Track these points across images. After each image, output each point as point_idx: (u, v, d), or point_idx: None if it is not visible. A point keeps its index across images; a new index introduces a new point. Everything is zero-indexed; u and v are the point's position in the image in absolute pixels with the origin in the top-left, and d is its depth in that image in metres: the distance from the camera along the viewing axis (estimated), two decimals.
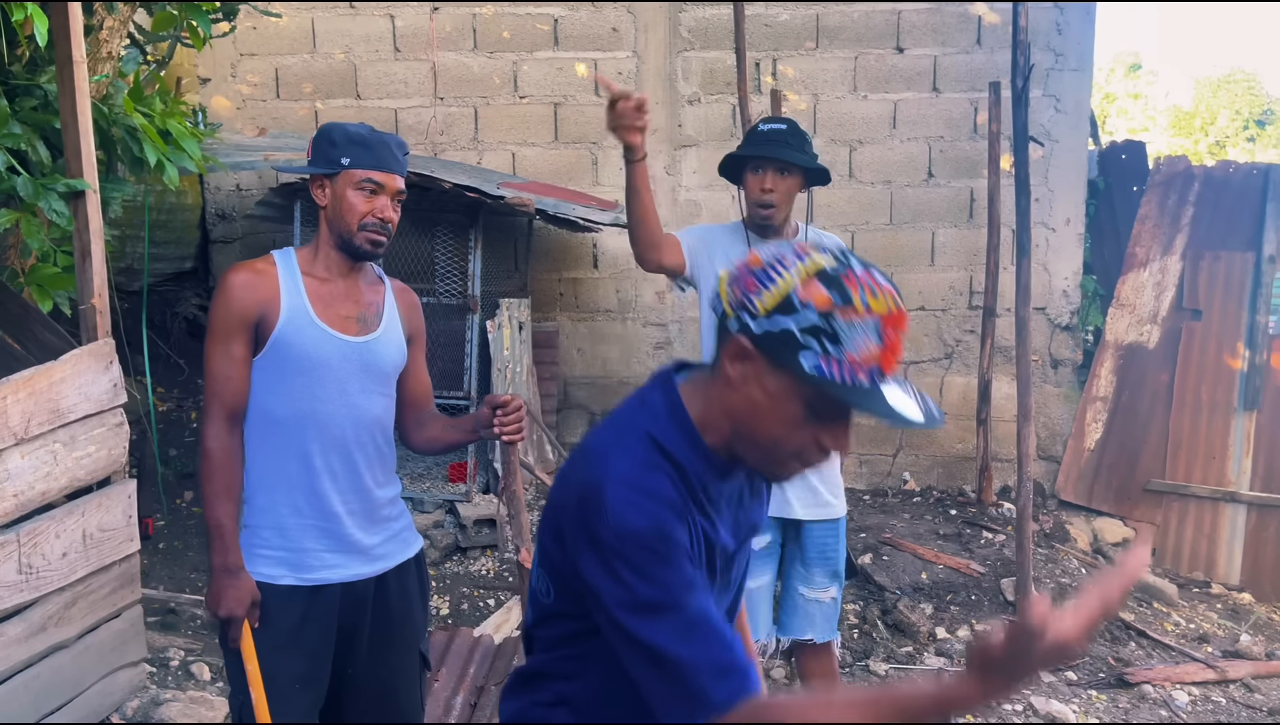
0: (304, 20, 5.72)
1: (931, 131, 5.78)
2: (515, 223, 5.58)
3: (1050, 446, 5.87)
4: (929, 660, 3.98)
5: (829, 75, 5.76)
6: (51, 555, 2.77)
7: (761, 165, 2.71)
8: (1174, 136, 15.19)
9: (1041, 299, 5.75)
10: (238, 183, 5.82)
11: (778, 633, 2.97)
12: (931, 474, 5.93)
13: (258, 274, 2.10)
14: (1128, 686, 3.86)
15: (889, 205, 5.83)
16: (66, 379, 2.81)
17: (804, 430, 1.21)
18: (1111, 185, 6.12)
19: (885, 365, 1.16)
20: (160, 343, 5.61)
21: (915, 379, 5.89)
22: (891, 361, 1.16)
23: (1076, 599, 1.03)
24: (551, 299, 5.89)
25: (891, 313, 1.15)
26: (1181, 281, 5.77)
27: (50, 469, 2.77)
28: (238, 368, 2.08)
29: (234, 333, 2.08)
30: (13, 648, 2.69)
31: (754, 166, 2.72)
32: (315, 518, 2.12)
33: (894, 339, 1.16)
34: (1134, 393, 5.74)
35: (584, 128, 5.81)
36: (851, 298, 1.14)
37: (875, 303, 1.14)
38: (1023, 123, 4.38)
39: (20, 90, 3.11)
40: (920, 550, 4.77)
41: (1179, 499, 5.56)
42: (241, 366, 2.09)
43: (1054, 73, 5.71)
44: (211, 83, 5.77)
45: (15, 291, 3.26)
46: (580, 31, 5.76)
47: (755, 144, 2.72)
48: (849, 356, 1.14)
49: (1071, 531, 5.36)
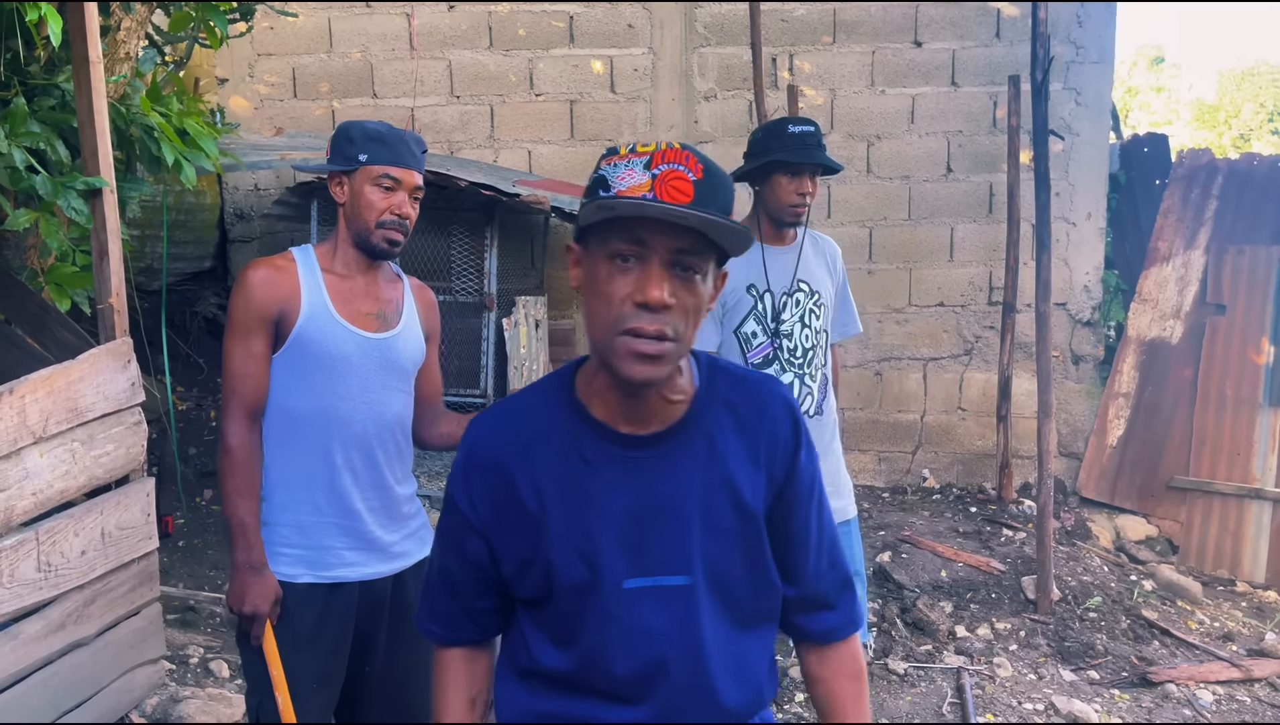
0: (320, 20, 5.74)
1: (950, 126, 5.73)
2: (531, 221, 5.57)
3: (1071, 443, 5.81)
4: (948, 659, 3.95)
5: (846, 70, 5.72)
6: (70, 553, 2.78)
7: (800, 169, 2.73)
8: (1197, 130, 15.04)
9: (1062, 294, 5.70)
10: (255, 182, 5.84)
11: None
12: (951, 471, 5.88)
13: (278, 270, 2.10)
14: (1151, 686, 3.81)
15: (907, 201, 5.78)
16: (85, 378, 2.82)
17: (609, 286, 1.20)
18: (1133, 179, 6.06)
19: (661, 192, 1.16)
20: (179, 342, 5.65)
21: (935, 375, 5.85)
22: (667, 188, 1.16)
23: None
24: (567, 297, 5.89)
25: (660, 151, 1.18)
26: (1205, 276, 5.70)
27: (69, 467, 2.78)
28: (257, 364, 2.08)
29: (253, 329, 2.07)
30: (32, 645, 2.70)
31: (793, 170, 2.73)
32: (335, 515, 2.11)
33: (667, 171, 1.17)
34: (1157, 389, 5.68)
35: (599, 125, 5.80)
36: (618, 149, 1.21)
37: (642, 147, 1.19)
38: (1043, 116, 4.33)
39: (39, 90, 3.13)
40: (940, 548, 4.74)
41: (1203, 496, 5.49)
42: (261, 363, 2.08)
43: (1074, 66, 5.65)
44: (229, 83, 5.79)
45: (34, 291, 3.28)
46: (596, 28, 5.75)
47: (794, 148, 2.72)
48: (617, 192, 1.17)
49: (1094, 529, 5.31)
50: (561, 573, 1.27)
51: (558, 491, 1.28)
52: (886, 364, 5.87)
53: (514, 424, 1.33)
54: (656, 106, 5.78)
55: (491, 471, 1.30)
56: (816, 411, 2.89)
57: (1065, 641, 4.07)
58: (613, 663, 1.28)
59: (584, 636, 1.29)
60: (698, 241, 1.19)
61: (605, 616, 1.27)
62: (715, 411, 1.32)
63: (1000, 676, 3.84)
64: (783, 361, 2.83)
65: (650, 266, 1.18)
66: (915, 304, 5.83)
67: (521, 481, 1.29)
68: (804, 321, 2.85)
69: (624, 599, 1.27)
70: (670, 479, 1.29)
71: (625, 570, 1.27)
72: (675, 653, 1.28)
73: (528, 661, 1.34)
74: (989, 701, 3.68)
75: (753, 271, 2.80)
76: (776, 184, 2.75)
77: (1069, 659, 3.99)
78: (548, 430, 1.31)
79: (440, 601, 1.40)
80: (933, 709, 3.62)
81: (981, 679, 3.82)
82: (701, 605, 1.28)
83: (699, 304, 1.22)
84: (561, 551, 1.27)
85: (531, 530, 1.29)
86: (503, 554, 1.32)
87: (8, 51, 2.95)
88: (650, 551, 1.28)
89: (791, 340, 2.83)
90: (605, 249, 1.20)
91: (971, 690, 3.70)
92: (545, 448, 1.30)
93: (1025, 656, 4.01)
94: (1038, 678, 3.86)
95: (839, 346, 3.22)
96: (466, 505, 1.32)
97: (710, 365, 1.36)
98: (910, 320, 5.84)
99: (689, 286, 1.20)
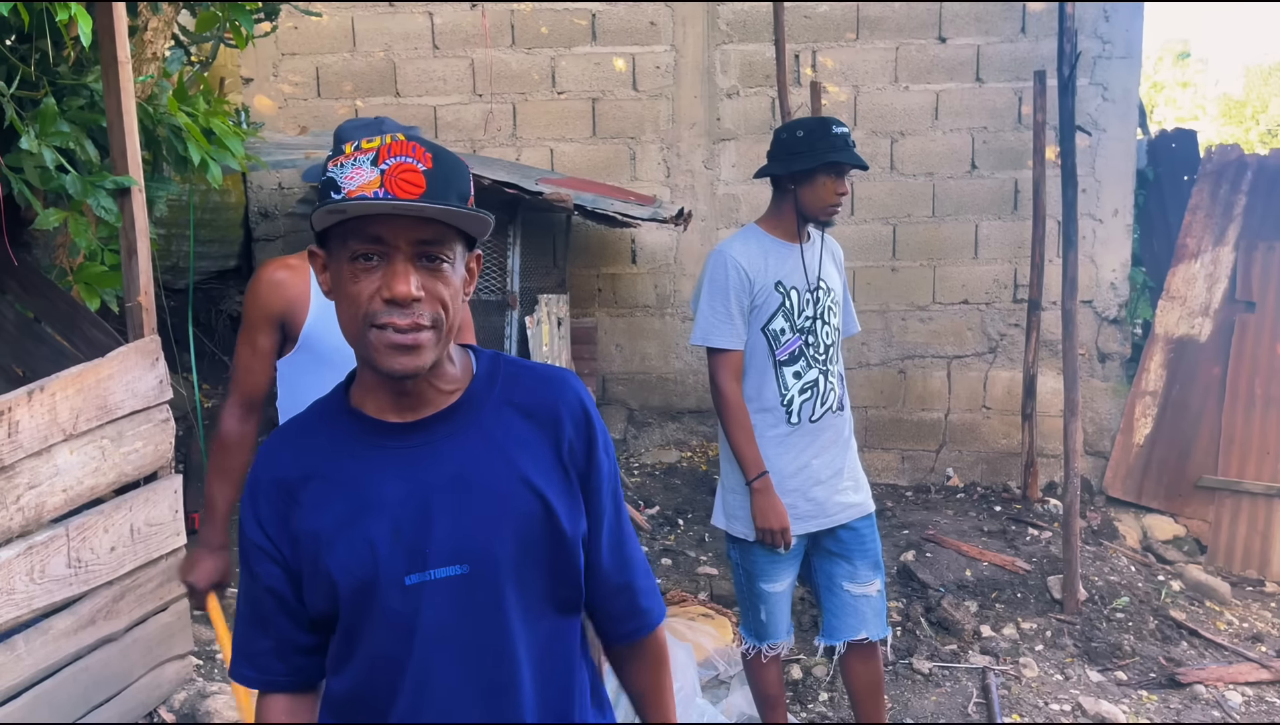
0: (344, 19, 5.76)
1: (975, 122, 5.69)
2: (554, 219, 5.57)
3: (1098, 442, 5.76)
4: (973, 658, 3.92)
5: (870, 66, 5.69)
6: (100, 549, 2.81)
7: (842, 169, 2.75)
8: (1225, 125, 14.85)
9: (1088, 292, 5.64)
10: (280, 181, 5.88)
11: (827, 639, 2.96)
12: (975, 470, 5.84)
13: (291, 271, 2.16)
14: (1179, 687, 3.77)
15: (931, 197, 5.75)
16: (114, 376, 2.85)
17: (355, 287, 1.18)
18: (1161, 175, 5.99)
19: (391, 186, 1.14)
20: (205, 340, 5.69)
21: (959, 373, 5.81)
22: (398, 182, 1.14)
23: None
24: (590, 295, 5.89)
25: (386, 145, 1.16)
26: (1234, 273, 5.63)
27: (99, 464, 2.81)
28: (260, 360, 2.18)
29: (260, 326, 2.17)
30: (62, 640, 2.73)
31: (837, 171, 2.74)
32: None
33: (396, 164, 1.15)
34: (1185, 387, 5.62)
35: (622, 122, 5.79)
36: (343, 149, 1.19)
37: (368, 144, 1.17)
38: (1069, 112, 4.29)
39: (68, 90, 3.16)
40: (964, 547, 4.70)
41: (1232, 495, 5.43)
42: (264, 358, 2.18)
43: (1101, 61, 5.59)
44: (254, 82, 5.83)
45: (64, 290, 3.32)
46: (618, 26, 5.74)
47: (841, 149, 2.73)
48: (347, 192, 1.16)
49: (1121, 528, 5.26)
50: (340, 574, 1.23)
51: (333, 493, 1.25)
52: (910, 362, 5.83)
53: (294, 441, 1.32)
54: (678, 104, 5.77)
55: (275, 490, 1.28)
56: (839, 407, 2.89)
57: (1092, 642, 4.04)
58: (398, 663, 1.24)
59: (366, 642, 1.25)
60: (439, 230, 1.18)
61: (388, 615, 1.23)
62: (493, 400, 1.29)
63: (1026, 677, 3.81)
64: (809, 357, 2.83)
65: (394, 262, 1.17)
66: (939, 302, 5.80)
67: (303, 494, 1.26)
68: (824, 318, 2.86)
69: (407, 596, 1.23)
70: (446, 464, 1.25)
71: (404, 566, 1.23)
72: (466, 646, 1.24)
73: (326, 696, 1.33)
74: (1015, 702, 3.65)
75: (782, 268, 2.80)
76: (821, 184, 2.75)
77: (1096, 659, 3.96)
78: (324, 440, 1.29)
79: (250, 641, 1.32)
80: (958, 709, 3.60)
81: (1007, 679, 3.80)
82: (483, 593, 1.24)
83: (453, 291, 1.21)
84: (338, 552, 1.23)
85: (314, 540, 1.25)
86: (297, 573, 1.27)
87: (37, 52, 2.98)
88: (430, 542, 1.23)
89: (815, 336, 2.83)
90: (346, 251, 1.19)
91: (997, 690, 3.67)
92: (320, 456, 1.28)
93: (1051, 657, 3.98)
94: (1064, 678, 3.83)
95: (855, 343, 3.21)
96: (255, 531, 1.28)
97: (493, 358, 1.34)
98: (934, 318, 5.80)
99: (438, 275, 1.19)
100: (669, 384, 5.96)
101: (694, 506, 5.28)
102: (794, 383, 2.81)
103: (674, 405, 5.96)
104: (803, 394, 2.81)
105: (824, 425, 2.84)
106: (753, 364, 2.81)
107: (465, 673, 1.24)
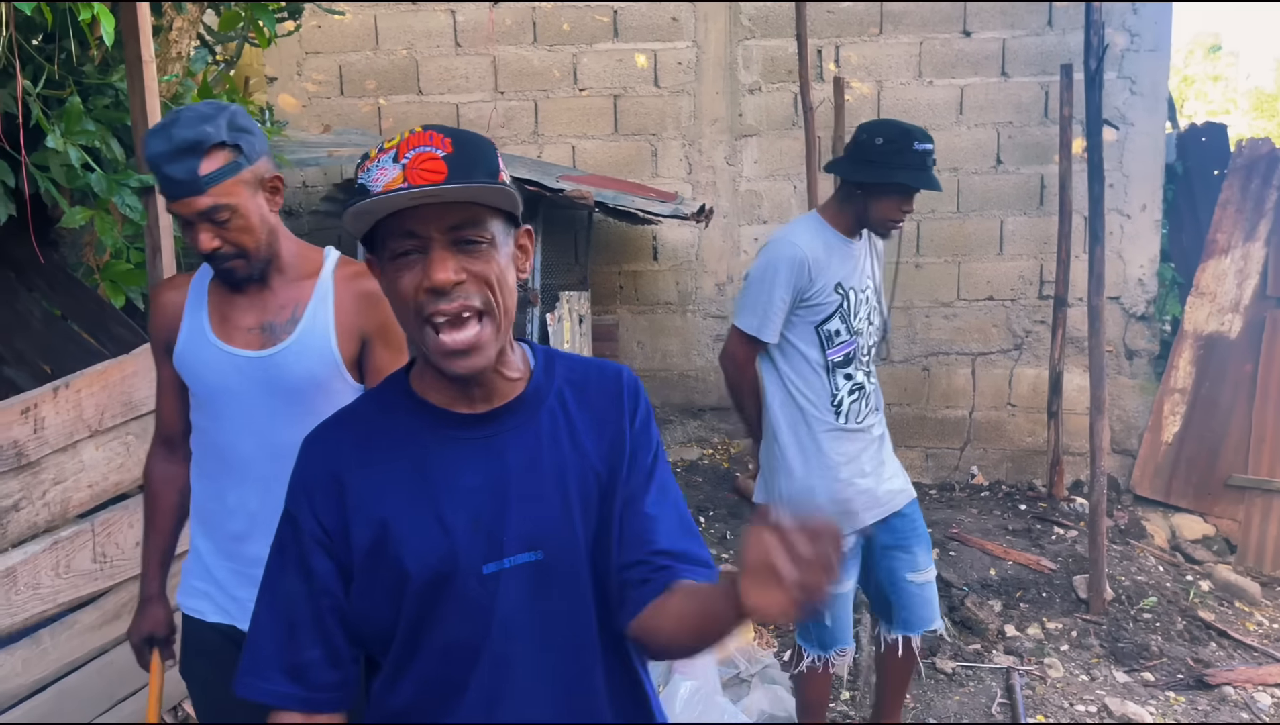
0: (367, 18, 5.79)
1: (1000, 117, 5.63)
2: (575, 216, 5.58)
3: (1125, 440, 5.69)
4: (998, 658, 3.89)
5: (893, 61, 5.65)
6: (125, 544, 2.84)
7: (912, 190, 2.70)
8: (1256, 119, 14.64)
9: (1116, 288, 5.58)
10: (304, 180, 5.91)
11: (901, 630, 2.91)
12: (1000, 468, 5.79)
13: (173, 290, 1.91)
14: (1207, 688, 3.72)
15: (956, 193, 5.69)
16: (139, 372, 2.87)
17: (400, 284, 1.18)
18: (1190, 170, 5.91)
19: (412, 178, 1.14)
20: None
21: (984, 370, 5.76)
22: (419, 172, 1.14)
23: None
24: (611, 292, 5.88)
25: (404, 139, 1.16)
26: (1265, 268, 5.54)
27: (123, 460, 2.84)
28: (164, 392, 1.97)
29: (158, 356, 1.94)
30: (87, 635, 2.76)
31: (908, 191, 2.70)
32: (233, 562, 1.91)
33: (415, 156, 1.14)
34: (1214, 384, 5.54)
35: (643, 119, 5.78)
36: (369, 154, 1.18)
37: (389, 143, 1.17)
38: (1096, 106, 4.24)
39: (93, 89, 3.19)
40: (989, 546, 4.66)
41: (1262, 495, 5.35)
42: (167, 392, 1.96)
43: (1129, 54, 5.52)
44: (278, 81, 5.87)
45: (90, 288, 3.35)
46: (640, 22, 5.73)
47: (917, 169, 2.65)
48: (374, 195, 1.15)
49: (1148, 528, 5.19)
50: (414, 564, 1.20)
51: (403, 483, 1.23)
52: (934, 359, 5.79)
53: (348, 432, 1.29)
54: (700, 100, 5.75)
55: (330, 483, 1.24)
56: (878, 407, 2.88)
57: (1119, 642, 3.99)
58: (473, 651, 1.23)
59: (438, 633, 1.22)
60: (469, 212, 1.16)
61: (465, 604, 1.21)
62: (555, 388, 1.29)
63: (1051, 677, 3.77)
64: (859, 359, 2.80)
65: (432, 252, 1.16)
66: (964, 298, 5.75)
67: (362, 486, 1.23)
68: (869, 319, 2.84)
69: (485, 584, 1.21)
70: (519, 453, 1.25)
71: (483, 556, 1.21)
72: (543, 631, 1.23)
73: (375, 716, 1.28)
74: (1040, 702, 3.62)
75: (843, 268, 2.76)
76: (888, 200, 2.70)
77: (1122, 660, 3.91)
78: (383, 430, 1.27)
79: (294, 651, 1.23)
80: (982, 709, 3.57)
81: (1032, 679, 3.76)
82: (559, 578, 1.23)
83: (498, 270, 1.19)
84: (411, 542, 1.21)
85: (380, 529, 1.22)
86: (348, 571, 1.23)
87: (62, 51, 3.00)
88: (505, 530, 1.22)
89: (863, 338, 2.81)
90: (387, 252, 1.19)
91: (1022, 690, 3.64)
92: (384, 446, 1.25)
93: (1077, 657, 3.93)
94: (1090, 679, 3.79)
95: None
96: (310, 521, 1.24)
97: (547, 352, 1.34)
98: (959, 315, 5.76)
99: (478, 256, 1.18)
100: (690, 381, 5.94)
101: (715, 504, 5.27)
102: (844, 384, 2.77)
103: (695, 402, 5.95)
104: (851, 396, 2.78)
105: (867, 424, 2.83)
106: (804, 361, 2.75)
107: (543, 659, 1.24)
